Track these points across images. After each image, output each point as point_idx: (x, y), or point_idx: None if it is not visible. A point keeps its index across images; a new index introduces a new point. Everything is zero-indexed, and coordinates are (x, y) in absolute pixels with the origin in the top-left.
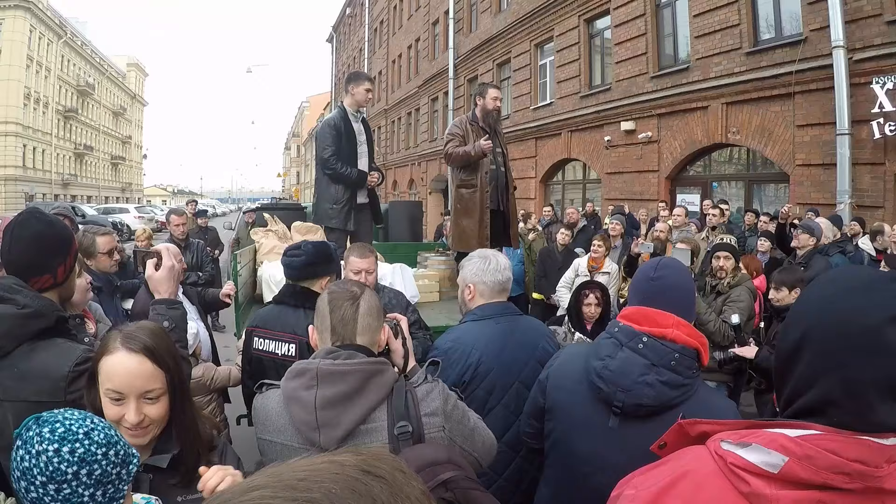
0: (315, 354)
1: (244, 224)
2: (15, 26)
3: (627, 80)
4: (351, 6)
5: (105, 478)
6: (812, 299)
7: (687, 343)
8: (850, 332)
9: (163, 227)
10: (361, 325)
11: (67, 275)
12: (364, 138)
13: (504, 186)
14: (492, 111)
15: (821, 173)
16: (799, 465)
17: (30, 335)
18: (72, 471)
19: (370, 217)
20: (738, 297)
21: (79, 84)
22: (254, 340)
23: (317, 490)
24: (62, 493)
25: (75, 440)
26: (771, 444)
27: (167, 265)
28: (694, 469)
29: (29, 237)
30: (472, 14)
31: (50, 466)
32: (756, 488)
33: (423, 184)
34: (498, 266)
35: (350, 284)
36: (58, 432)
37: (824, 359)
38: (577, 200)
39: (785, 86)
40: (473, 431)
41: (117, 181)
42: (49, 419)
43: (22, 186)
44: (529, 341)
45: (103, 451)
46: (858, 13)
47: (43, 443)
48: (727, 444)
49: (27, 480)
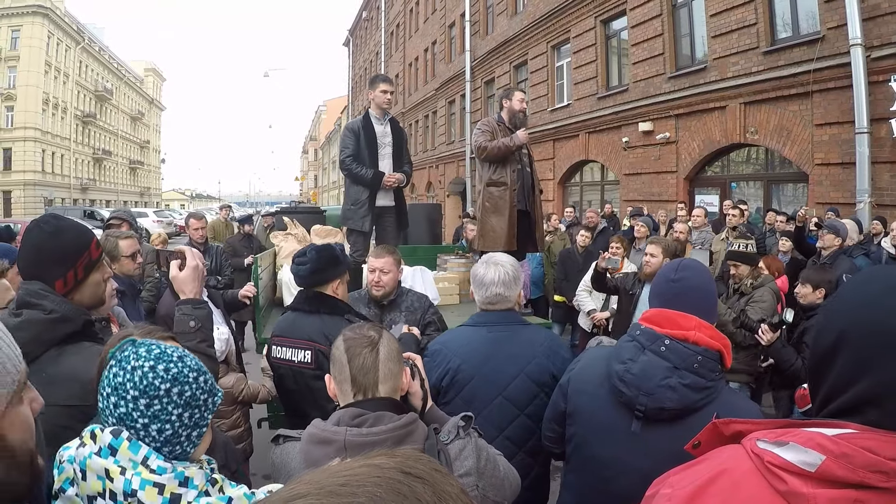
0: (339, 418)
1: (262, 228)
2: (33, 32)
3: (644, 81)
4: (367, 10)
5: (194, 401)
6: (849, 300)
7: (709, 345)
8: (887, 333)
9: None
10: (383, 372)
11: (71, 288)
12: (389, 140)
13: (531, 187)
14: (518, 112)
15: (840, 172)
16: (836, 463)
17: (57, 340)
18: (164, 387)
19: (395, 220)
20: (760, 298)
21: (97, 89)
22: (272, 349)
23: (361, 494)
24: (152, 408)
25: (170, 360)
26: (808, 443)
27: (191, 265)
28: (731, 468)
29: (29, 246)
30: (489, 16)
31: (144, 381)
32: (793, 487)
33: (441, 186)
34: (484, 280)
35: (367, 328)
36: (154, 352)
37: (862, 359)
38: (596, 202)
39: (803, 85)
40: (504, 481)
41: (136, 185)
42: (146, 342)
43: (41, 191)
44: (521, 355)
45: (195, 376)
46: (876, 10)
47: (139, 360)
48: (764, 443)
49: (118, 395)
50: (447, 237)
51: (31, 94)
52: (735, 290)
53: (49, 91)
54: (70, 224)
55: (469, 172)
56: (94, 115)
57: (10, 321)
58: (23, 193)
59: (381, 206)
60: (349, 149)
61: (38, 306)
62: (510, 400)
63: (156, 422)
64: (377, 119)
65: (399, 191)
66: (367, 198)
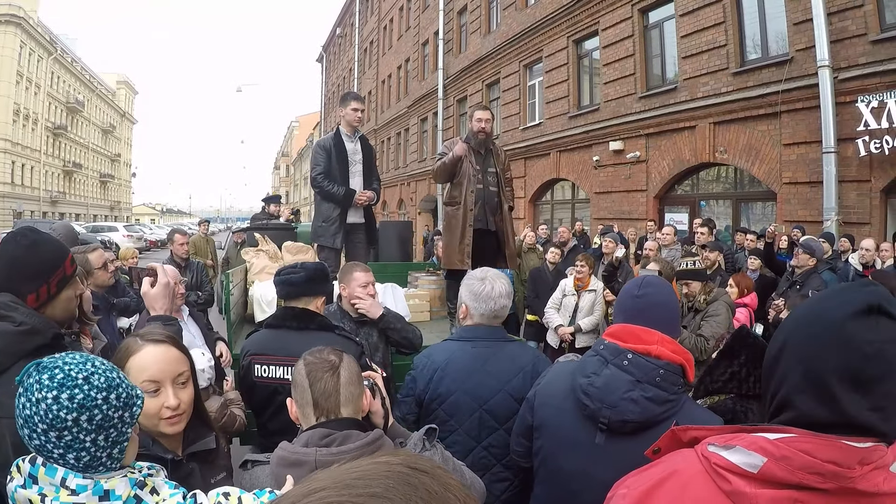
0: (307, 440)
1: (233, 244)
2: (5, 42)
3: (616, 101)
4: (341, 26)
5: (106, 422)
6: (796, 311)
7: (672, 359)
8: (817, 329)
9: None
10: (345, 395)
11: (43, 302)
12: (359, 158)
13: (495, 206)
14: (477, 133)
15: (807, 191)
16: (776, 465)
17: (26, 352)
18: (71, 417)
19: (365, 237)
20: (715, 312)
21: (68, 101)
22: (255, 368)
23: (376, 486)
24: (63, 439)
25: (74, 386)
26: (751, 446)
27: (162, 282)
28: (681, 469)
29: (4, 258)
30: (462, 35)
31: (49, 414)
32: (737, 487)
33: (413, 203)
34: (492, 293)
35: (326, 353)
36: (56, 378)
37: (795, 356)
38: (567, 220)
39: (771, 105)
40: (469, 489)
41: (106, 199)
42: (49, 365)
43: (10, 203)
44: (504, 371)
45: (104, 396)
46: (843, 33)
47: (42, 390)
48: (713, 447)
49: (29, 428)
50: (418, 255)
51: (2, 105)
52: (690, 308)
53: (20, 102)
54: (47, 238)
55: (440, 190)
56: (65, 126)
57: None
58: None
59: (352, 223)
60: (321, 166)
61: (8, 318)
62: (491, 414)
63: (70, 451)
64: (348, 136)
65: (369, 208)
66: (339, 215)
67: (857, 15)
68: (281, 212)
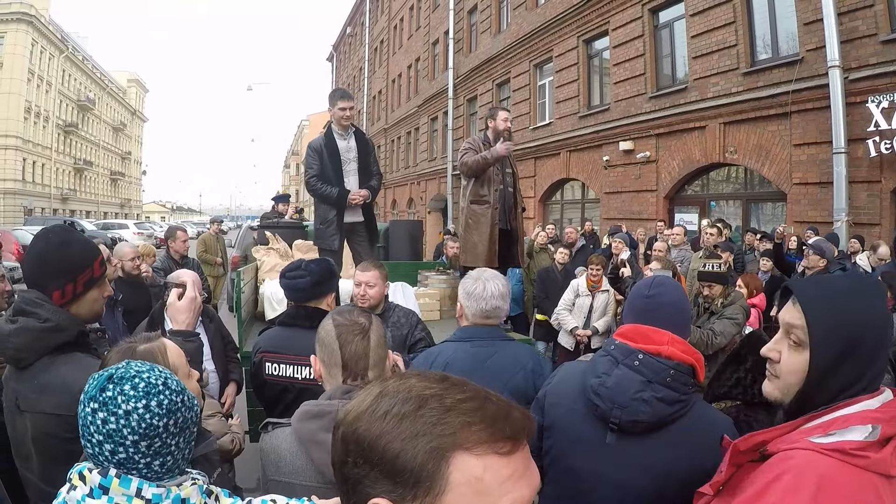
0: (330, 394)
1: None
2: (17, 40)
3: (626, 101)
4: (351, 25)
5: (185, 423)
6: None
7: (682, 359)
8: (882, 331)
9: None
10: (373, 359)
11: (68, 300)
12: (354, 155)
13: (512, 206)
14: (503, 132)
15: (817, 191)
16: (888, 425)
17: (50, 348)
18: (162, 423)
19: (367, 236)
20: (731, 314)
21: (79, 99)
22: (265, 366)
23: (436, 388)
24: (153, 447)
25: (158, 392)
26: (864, 421)
27: (189, 296)
28: (806, 470)
29: (35, 254)
30: (472, 34)
31: (143, 423)
32: (872, 458)
33: (422, 203)
34: (484, 293)
35: (356, 314)
36: (140, 388)
37: (873, 353)
38: (576, 220)
39: (782, 105)
40: None
41: (116, 197)
42: (123, 376)
43: (21, 200)
44: (505, 369)
45: (181, 398)
46: (854, 33)
47: (129, 401)
48: (818, 438)
49: (114, 442)
50: (428, 254)
51: (13, 102)
52: (705, 310)
53: (31, 99)
54: (78, 238)
55: (451, 189)
56: (75, 124)
57: (6, 328)
58: (2, 202)
59: (351, 223)
60: (313, 168)
61: (34, 314)
62: None
63: (157, 458)
64: (339, 134)
65: (368, 206)
66: (335, 216)
67: (867, 15)
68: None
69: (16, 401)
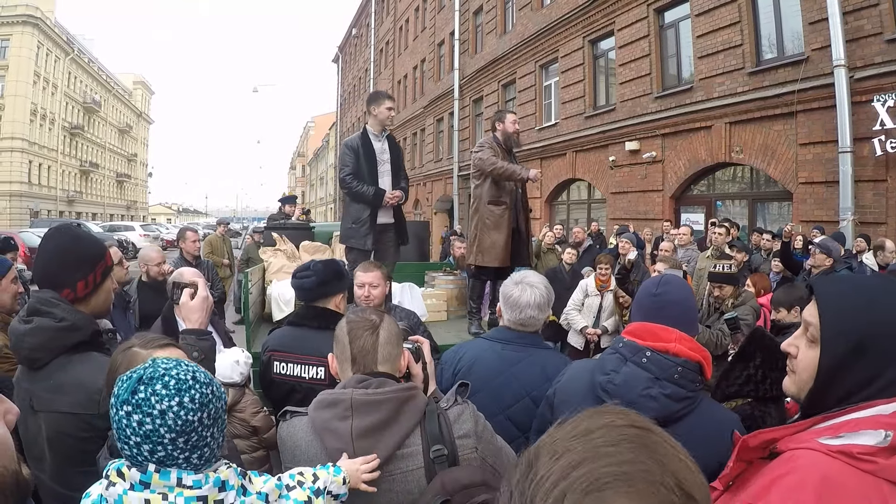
0: (345, 384)
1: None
2: (23, 42)
3: (631, 101)
4: (357, 27)
5: (217, 413)
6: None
7: (689, 357)
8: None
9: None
10: (382, 354)
11: (90, 291)
12: (387, 157)
13: (522, 207)
14: (512, 134)
15: (823, 191)
16: None
17: (66, 348)
18: (197, 418)
19: (395, 237)
20: (742, 315)
21: (85, 101)
22: (274, 365)
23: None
24: (190, 441)
25: (189, 388)
26: (876, 425)
27: (202, 295)
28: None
29: (52, 250)
30: (478, 35)
31: (179, 420)
32: (880, 464)
33: (429, 204)
34: (519, 302)
35: (369, 312)
36: (171, 385)
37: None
38: (582, 220)
39: (787, 105)
40: (501, 450)
41: (122, 199)
42: (153, 375)
43: (27, 202)
44: (531, 378)
45: (210, 390)
46: (859, 32)
47: (163, 400)
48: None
49: (152, 442)
50: (434, 255)
51: (19, 105)
52: (716, 309)
53: (37, 102)
54: (85, 233)
55: (457, 190)
56: (81, 126)
57: (21, 328)
58: (8, 204)
59: (382, 224)
60: (349, 167)
61: (50, 314)
62: (512, 420)
63: (195, 451)
64: (375, 136)
65: (398, 207)
66: (369, 216)
67: (872, 14)
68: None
69: (29, 401)
